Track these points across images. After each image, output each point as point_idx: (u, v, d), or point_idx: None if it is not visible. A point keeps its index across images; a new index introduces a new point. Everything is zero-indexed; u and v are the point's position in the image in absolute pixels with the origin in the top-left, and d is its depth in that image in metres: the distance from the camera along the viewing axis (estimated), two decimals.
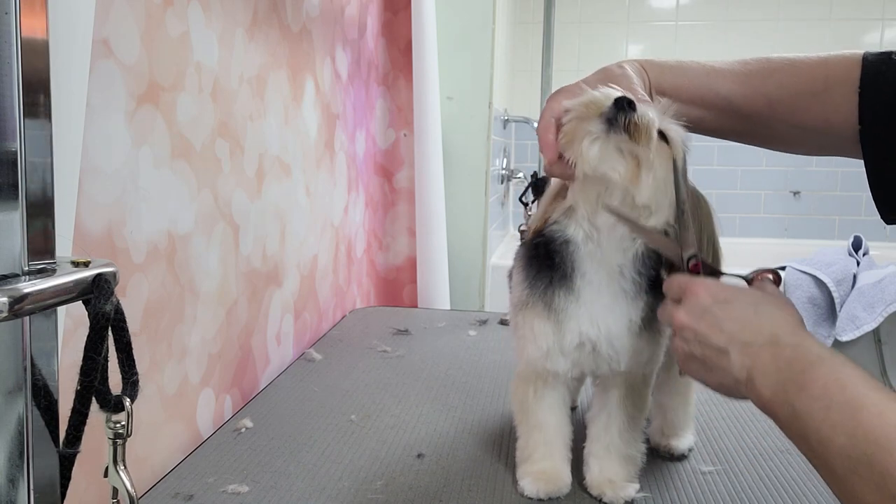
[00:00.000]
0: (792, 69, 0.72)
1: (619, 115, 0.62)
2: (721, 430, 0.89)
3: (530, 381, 0.73)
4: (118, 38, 0.69)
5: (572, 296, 0.68)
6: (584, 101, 0.65)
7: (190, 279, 0.85)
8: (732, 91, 0.73)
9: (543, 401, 0.73)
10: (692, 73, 0.74)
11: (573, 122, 0.65)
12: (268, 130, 1.07)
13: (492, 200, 2.13)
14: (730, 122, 0.75)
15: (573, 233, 0.67)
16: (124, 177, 0.71)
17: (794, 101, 0.72)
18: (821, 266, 2.31)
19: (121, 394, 0.45)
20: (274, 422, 0.90)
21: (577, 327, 0.68)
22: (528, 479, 0.73)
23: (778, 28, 3.05)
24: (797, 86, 0.72)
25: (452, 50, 1.90)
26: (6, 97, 0.38)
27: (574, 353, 0.69)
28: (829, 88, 0.70)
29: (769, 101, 0.73)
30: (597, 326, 0.68)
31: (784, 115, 0.73)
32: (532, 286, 0.70)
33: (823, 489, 0.74)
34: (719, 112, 0.74)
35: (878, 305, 2.12)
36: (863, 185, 0.71)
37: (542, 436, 0.73)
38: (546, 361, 0.70)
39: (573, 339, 0.68)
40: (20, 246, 0.40)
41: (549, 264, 0.69)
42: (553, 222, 0.69)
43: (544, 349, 0.69)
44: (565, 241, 0.68)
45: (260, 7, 1.02)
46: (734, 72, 0.74)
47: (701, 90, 0.74)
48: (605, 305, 0.68)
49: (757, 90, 0.73)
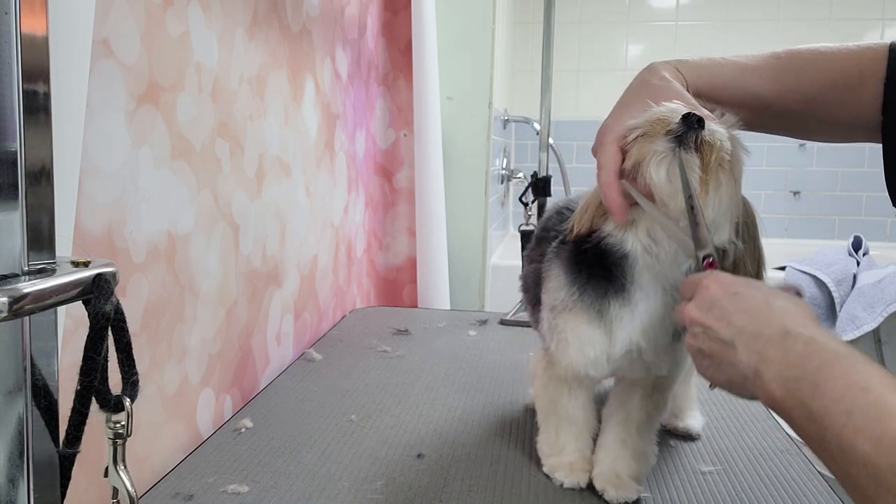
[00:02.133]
0: (826, 63, 0.71)
1: (688, 133, 0.61)
2: (721, 430, 0.89)
3: (565, 381, 0.74)
4: (118, 38, 0.69)
5: (628, 307, 0.67)
6: (650, 119, 0.63)
7: (190, 279, 0.85)
8: (766, 89, 0.72)
9: (577, 399, 0.75)
10: (726, 73, 0.72)
11: (640, 143, 0.63)
12: (268, 130, 1.07)
13: (492, 200, 2.13)
14: (761, 119, 0.74)
15: (632, 247, 0.66)
16: (124, 177, 0.71)
17: (829, 97, 0.71)
18: (821, 266, 2.31)
19: (121, 394, 0.45)
20: (274, 422, 0.90)
21: (628, 336, 0.68)
22: (562, 470, 0.75)
23: (778, 28, 3.05)
24: (832, 81, 0.70)
25: (452, 50, 1.90)
26: (6, 97, 0.38)
27: (620, 360, 0.70)
28: (863, 83, 0.69)
29: (804, 98, 0.71)
30: (647, 336, 0.68)
31: (818, 110, 0.72)
32: (581, 293, 0.69)
33: (824, 489, 0.74)
34: (752, 110, 0.73)
35: (878, 305, 2.12)
36: (863, 185, 0.71)
37: (574, 430, 0.76)
38: (590, 368, 0.71)
39: (623, 347, 0.68)
40: (20, 246, 0.40)
41: (603, 275, 0.68)
42: (606, 234, 0.67)
43: (591, 357, 0.70)
44: (623, 255, 0.67)
45: (260, 7, 1.02)
46: (768, 68, 0.72)
47: (735, 90, 0.72)
48: (657, 315, 0.68)
49: (791, 88, 0.71)
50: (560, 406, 0.76)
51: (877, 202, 2.97)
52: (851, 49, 0.71)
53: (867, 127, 0.70)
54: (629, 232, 0.66)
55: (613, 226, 0.67)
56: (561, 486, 0.75)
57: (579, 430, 0.76)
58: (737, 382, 0.54)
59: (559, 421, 0.77)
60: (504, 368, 1.12)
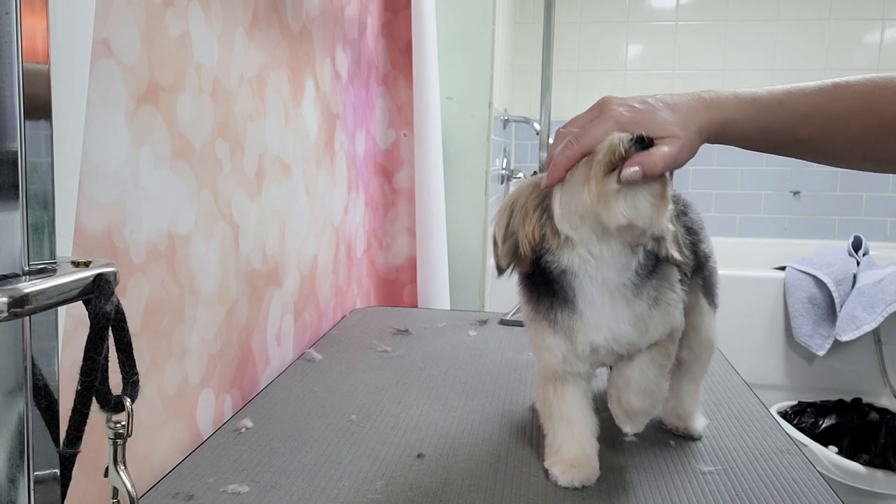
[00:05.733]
0: (880, 105, 0.69)
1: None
2: (721, 430, 0.89)
3: (550, 380, 0.77)
4: (118, 38, 0.69)
5: (576, 315, 0.71)
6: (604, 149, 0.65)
7: (190, 279, 0.85)
8: (814, 136, 0.70)
9: (565, 397, 0.77)
10: (777, 120, 0.70)
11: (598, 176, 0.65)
12: (268, 130, 1.07)
13: (492, 200, 2.13)
14: (799, 156, 0.74)
15: (568, 262, 0.69)
16: (124, 177, 0.71)
17: (878, 141, 0.69)
18: (821, 266, 2.31)
19: (121, 394, 0.45)
20: (274, 422, 0.90)
21: (586, 340, 0.71)
22: (558, 468, 0.75)
23: (778, 28, 3.05)
24: (883, 126, 0.69)
25: (452, 50, 1.90)
26: (6, 97, 0.38)
27: (590, 356, 0.73)
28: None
29: (852, 142, 0.70)
30: (603, 334, 0.71)
31: (864, 151, 0.71)
32: (536, 308, 0.74)
33: (824, 489, 0.74)
34: (793, 151, 0.73)
35: (878, 305, 2.12)
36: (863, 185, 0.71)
37: (569, 428, 0.77)
38: (564, 366, 0.74)
39: (585, 349, 0.72)
40: (20, 246, 0.40)
41: (547, 290, 0.72)
42: (544, 251, 0.70)
43: (560, 357, 0.73)
44: (562, 271, 0.70)
45: (260, 7, 1.02)
46: (820, 113, 0.69)
47: (782, 138, 0.71)
48: (608, 314, 0.70)
49: (840, 134, 0.70)
50: (554, 406, 0.77)
51: (877, 202, 2.98)
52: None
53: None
54: (564, 249, 0.69)
55: (553, 244, 0.70)
56: (556, 484, 0.75)
57: (575, 428, 0.76)
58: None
59: (555, 420, 0.77)
60: (504, 368, 1.12)
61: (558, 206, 0.69)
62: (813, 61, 3.05)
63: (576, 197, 0.67)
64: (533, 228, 0.70)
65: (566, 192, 0.68)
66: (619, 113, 0.67)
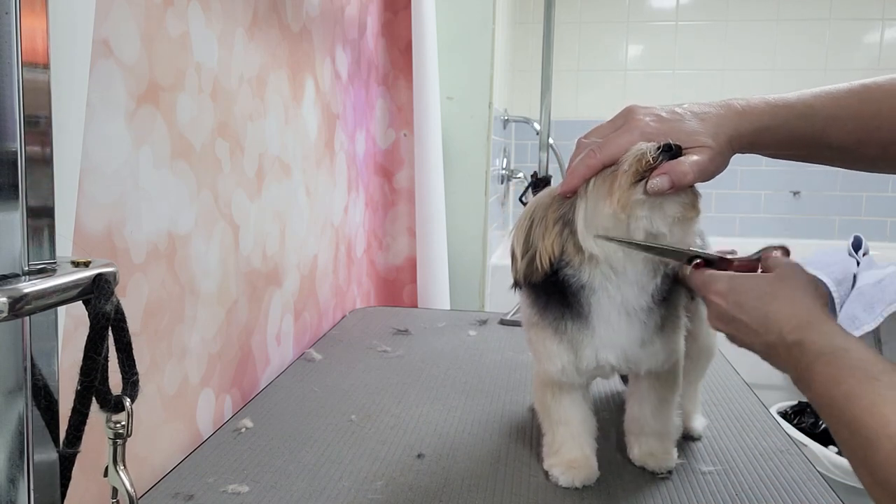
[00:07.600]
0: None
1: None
2: (721, 430, 0.89)
3: (548, 385, 0.76)
4: (118, 38, 0.69)
5: (588, 330, 0.69)
6: (630, 159, 0.63)
7: (190, 279, 0.85)
8: (844, 141, 0.68)
9: (563, 401, 0.76)
10: (805, 125, 0.68)
11: (624, 187, 0.63)
12: (268, 130, 1.07)
13: (492, 200, 2.13)
14: (828, 162, 0.72)
15: (588, 279, 0.67)
16: (124, 177, 0.71)
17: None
18: (821, 266, 2.31)
19: (121, 394, 0.45)
20: (274, 422, 0.90)
21: (592, 354, 0.70)
22: (558, 468, 0.75)
23: (778, 28, 3.05)
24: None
25: (452, 50, 1.90)
26: (6, 97, 0.38)
27: (593, 371, 0.73)
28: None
29: (883, 147, 0.68)
30: (615, 353, 0.70)
31: (894, 155, 0.69)
32: (542, 314, 0.72)
33: (824, 489, 0.74)
34: (824, 158, 0.71)
35: (878, 305, 2.12)
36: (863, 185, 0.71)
37: (568, 430, 0.76)
38: (562, 376, 0.73)
39: (590, 364, 0.71)
40: (20, 246, 0.40)
41: (559, 300, 0.70)
42: (563, 264, 0.68)
43: (559, 367, 0.72)
44: (581, 286, 0.68)
45: (260, 7, 1.02)
46: (851, 118, 0.67)
47: (814, 143, 0.69)
48: (623, 335, 0.69)
49: (872, 136, 0.67)
50: (552, 409, 0.77)
51: (877, 202, 2.98)
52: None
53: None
54: (586, 264, 0.67)
55: (574, 258, 0.67)
56: (557, 484, 0.75)
57: (574, 429, 0.76)
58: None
59: (554, 422, 0.77)
60: (504, 368, 1.12)
61: (582, 222, 0.66)
62: (813, 61, 3.05)
63: (600, 212, 0.64)
64: (552, 243, 0.67)
65: (590, 206, 0.65)
66: (645, 122, 0.64)
